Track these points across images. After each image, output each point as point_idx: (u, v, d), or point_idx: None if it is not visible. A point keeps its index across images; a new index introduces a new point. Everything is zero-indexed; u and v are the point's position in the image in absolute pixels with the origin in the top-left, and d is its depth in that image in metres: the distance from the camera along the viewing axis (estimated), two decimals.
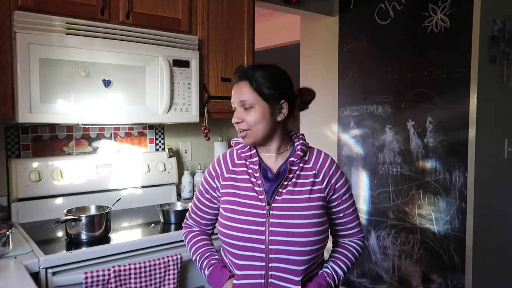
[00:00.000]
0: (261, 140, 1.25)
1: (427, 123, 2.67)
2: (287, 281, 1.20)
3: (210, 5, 2.18)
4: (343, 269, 1.30)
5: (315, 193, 1.24)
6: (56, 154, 2.07)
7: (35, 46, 1.63)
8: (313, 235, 1.19)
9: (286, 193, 1.22)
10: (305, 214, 1.20)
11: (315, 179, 1.25)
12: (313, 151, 1.31)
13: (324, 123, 3.38)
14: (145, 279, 1.64)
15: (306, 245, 1.19)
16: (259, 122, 1.21)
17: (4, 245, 1.49)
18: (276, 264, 1.19)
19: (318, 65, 3.43)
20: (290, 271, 1.19)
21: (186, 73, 2.04)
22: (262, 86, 1.21)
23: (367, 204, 3.07)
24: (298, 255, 1.19)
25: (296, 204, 1.21)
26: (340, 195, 1.29)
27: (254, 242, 1.19)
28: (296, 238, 1.18)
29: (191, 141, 2.54)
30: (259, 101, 1.21)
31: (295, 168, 1.25)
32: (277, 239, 1.18)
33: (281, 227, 1.19)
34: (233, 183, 1.28)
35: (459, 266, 2.55)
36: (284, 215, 1.20)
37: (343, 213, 1.31)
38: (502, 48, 2.55)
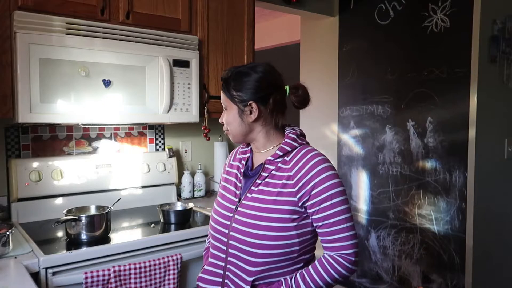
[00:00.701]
0: (240, 139, 1.30)
1: (427, 123, 2.67)
2: (240, 278, 1.20)
3: (210, 5, 2.18)
4: (308, 283, 1.14)
5: (283, 196, 1.17)
6: (56, 154, 2.07)
7: (35, 46, 1.63)
8: (271, 239, 1.15)
9: (257, 191, 1.22)
10: (266, 216, 1.17)
11: (288, 181, 1.18)
12: (301, 151, 1.22)
13: (324, 123, 3.38)
14: (145, 279, 1.64)
15: (261, 247, 1.15)
16: (232, 123, 1.27)
17: (4, 245, 1.49)
18: (232, 259, 1.22)
19: (318, 65, 3.43)
20: (243, 269, 1.19)
21: (186, 73, 2.04)
22: (231, 89, 1.25)
23: (367, 204, 3.07)
24: (251, 256, 1.17)
25: (262, 205, 1.19)
26: (317, 202, 1.15)
27: (220, 234, 1.26)
28: (252, 239, 1.16)
29: (191, 141, 2.54)
30: (230, 103, 1.27)
31: (272, 167, 1.23)
32: (236, 236, 1.20)
33: (241, 225, 1.20)
34: (226, 176, 1.37)
35: (459, 266, 2.55)
36: (248, 214, 1.20)
37: (321, 222, 1.16)
38: (502, 48, 2.55)
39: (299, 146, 1.25)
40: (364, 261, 3.11)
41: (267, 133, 1.28)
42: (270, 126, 1.27)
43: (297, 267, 1.20)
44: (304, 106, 1.29)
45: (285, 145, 1.24)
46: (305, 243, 1.19)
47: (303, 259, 1.21)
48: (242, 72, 1.25)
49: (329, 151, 3.34)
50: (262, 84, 1.24)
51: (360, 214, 3.13)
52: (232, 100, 1.25)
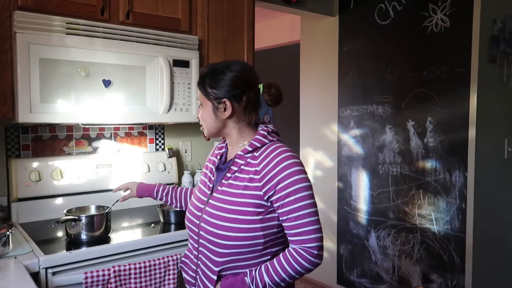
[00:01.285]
0: (214, 134, 1.35)
1: (427, 123, 2.67)
2: (208, 267, 1.26)
3: (210, 5, 2.18)
4: (271, 275, 1.17)
5: (250, 190, 1.21)
6: (56, 154, 2.07)
7: (35, 46, 1.63)
8: (235, 231, 1.19)
9: (226, 185, 1.27)
10: (232, 209, 1.21)
11: (254, 176, 1.21)
12: (269, 147, 1.24)
13: (324, 123, 3.38)
14: (145, 279, 1.64)
15: (226, 239, 1.20)
16: (206, 119, 1.31)
17: (4, 245, 1.49)
18: (202, 249, 1.28)
19: (318, 65, 3.43)
20: (210, 260, 1.25)
21: (186, 73, 2.04)
22: (206, 86, 1.28)
23: (367, 204, 3.07)
24: (218, 246, 1.21)
25: (229, 198, 1.23)
26: (282, 197, 1.17)
27: (193, 224, 1.31)
28: (219, 230, 1.21)
29: (191, 141, 2.54)
30: (204, 100, 1.30)
31: (241, 162, 1.27)
32: (205, 227, 1.25)
33: (210, 217, 1.24)
34: (204, 170, 1.43)
35: (459, 266, 2.55)
36: (216, 206, 1.24)
37: (285, 216, 1.18)
38: (502, 48, 2.55)
39: (269, 142, 1.27)
40: (364, 261, 3.11)
41: (240, 130, 1.31)
42: (243, 123, 1.31)
43: (264, 259, 1.23)
44: (276, 104, 1.33)
45: (255, 141, 1.27)
46: (270, 236, 1.22)
47: (270, 252, 1.24)
48: (217, 70, 1.28)
49: (329, 151, 3.35)
50: (236, 83, 1.27)
51: (360, 214, 3.13)
52: (207, 97, 1.28)
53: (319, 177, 3.44)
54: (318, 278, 3.51)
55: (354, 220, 3.18)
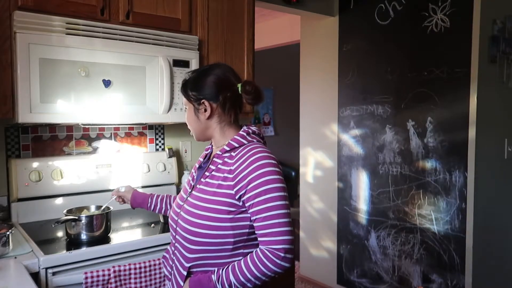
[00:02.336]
0: (200, 137, 1.37)
1: (427, 123, 2.67)
2: (180, 263, 1.29)
3: (210, 5, 2.18)
4: (237, 275, 1.16)
5: (223, 189, 1.22)
6: (56, 154, 2.07)
7: (35, 46, 1.63)
8: (206, 229, 1.21)
9: (203, 183, 1.29)
10: (205, 206, 1.23)
11: (228, 175, 1.22)
12: (246, 148, 1.24)
13: (324, 123, 3.38)
14: (145, 279, 1.64)
15: (197, 235, 1.22)
16: (190, 122, 1.36)
17: (4, 245, 1.49)
18: (177, 245, 1.31)
19: (318, 65, 3.43)
20: (182, 255, 1.28)
21: (186, 73, 2.04)
22: (187, 89, 1.33)
23: (367, 204, 3.07)
24: (189, 243, 1.24)
25: (205, 196, 1.25)
26: (252, 196, 1.16)
27: (172, 221, 1.35)
28: (191, 227, 1.24)
29: (191, 141, 2.54)
30: (187, 103, 1.35)
31: (219, 161, 1.29)
32: (180, 223, 1.28)
33: (186, 213, 1.27)
34: (192, 170, 1.46)
35: (459, 266, 2.55)
36: (193, 204, 1.27)
37: (254, 216, 1.17)
38: (502, 48, 2.55)
39: (248, 143, 1.27)
40: (364, 261, 3.11)
41: (221, 130, 1.33)
42: (224, 123, 1.33)
43: (235, 259, 1.22)
44: (256, 102, 1.34)
45: (233, 140, 1.28)
46: (241, 236, 1.21)
47: (241, 253, 1.23)
48: (198, 73, 1.34)
49: (329, 151, 3.35)
50: (213, 83, 1.30)
51: (360, 214, 3.13)
52: (188, 99, 1.33)
53: (319, 177, 3.44)
54: (318, 278, 3.51)
55: (354, 220, 3.18)
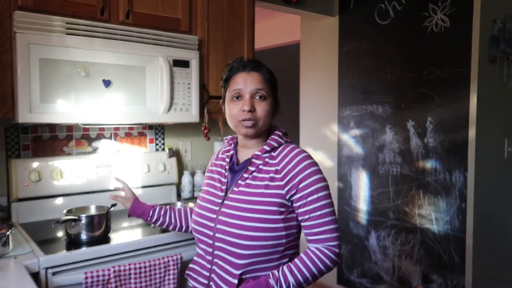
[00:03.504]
0: (261, 133, 1.28)
1: (427, 123, 2.67)
2: (226, 272, 1.21)
3: (210, 5, 2.18)
4: (296, 276, 1.16)
5: (271, 189, 1.20)
6: (56, 154, 2.07)
7: (35, 46, 1.63)
8: (258, 231, 1.16)
9: (244, 185, 1.24)
10: (254, 208, 1.19)
11: (276, 175, 1.21)
12: (286, 147, 1.26)
13: (324, 123, 3.38)
14: (145, 279, 1.64)
15: (248, 239, 1.16)
16: (268, 115, 1.25)
17: (4, 245, 1.49)
18: (219, 252, 1.23)
19: (318, 65, 3.43)
20: (230, 263, 1.20)
21: (186, 73, 2.04)
22: (271, 81, 1.27)
23: (367, 204, 3.07)
24: (239, 248, 1.18)
25: (250, 198, 1.21)
26: (304, 196, 1.18)
27: (206, 228, 1.26)
28: (239, 231, 1.18)
29: (191, 141, 2.54)
30: (269, 95, 1.26)
31: (259, 162, 1.25)
32: (222, 229, 1.21)
33: (228, 217, 1.21)
34: (210, 174, 1.38)
35: (459, 266, 2.55)
36: (235, 207, 1.21)
37: (308, 215, 1.19)
38: (502, 48, 2.55)
39: (285, 143, 1.28)
40: (364, 261, 3.11)
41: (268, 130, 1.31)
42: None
43: (283, 261, 1.22)
44: None
45: (272, 141, 1.27)
46: (291, 237, 1.22)
47: (288, 254, 1.23)
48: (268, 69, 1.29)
49: (329, 151, 3.35)
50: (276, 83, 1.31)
51: (360, 214, 3.13)
52: (273, 92, 1.27)
53: None
54: None
55: (354, 220, 3.18)
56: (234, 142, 1.37)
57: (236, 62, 1.31)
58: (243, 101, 1.23)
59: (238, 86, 1.25)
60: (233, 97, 1.25)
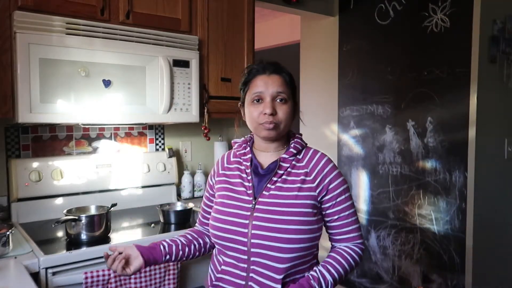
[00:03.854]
0: (281, 136, 1.27)
1: (427, 123, 2.67)
2: (267, 277, 1.17)
3: (210, 5, 2.18)
4: (333, 274, 1.19)
5: (304, 191, 1.21)
6: (56, 154, 2.07)
7: (35, 46, 1.63)
8: (298, 233, 1.16)
9: (274, 189, 1.22)
10: (291, 211, 1.18)
11: (306, 177, 1.22)
12: (309, 150, 1.29)
13: (324, 123, 3.38)
14: (145, 279, 1.64)
15: (289, 242, 1.15)
16: (288, 117, 1.25)
17: (4, 245, 1.49)
18: (257, 259, 1.18)
19: (318, 65, 3.43)
20: (270, 268, 1.17)
21: (186, 73, 2.04)
22: (291, 85, 1.27)
23: (367, 204, 3.07)
24: (280, 252, 1.16)
25: (283, 201, 1.19)
26: (334, 196, 1.23)
27: (237, 235, 1.20)
28: (278, 234, 1.16)
29: (191, 141, 2.54)
30: (290, 98, 1.25)
31: (286, 165, 1.24)
32: (259, 234, 1.17)
33: (264, 222, 1.18)
34: (225, 178, 1.32)
35: (459, 266, 2.55)
36: (270, 210, 1.19)
37: (337, 215, 1.23)
38: (502, 48, 2.55)
39: (306, 146, 1.32)
40: (364, 261, 3.11)
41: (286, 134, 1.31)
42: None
43: (314, 262, 1.26)
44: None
45: (297, 144, 1.28)
46: (320, 238, 1.25)
47: (316, 254, 1.28)
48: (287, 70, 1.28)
49: (329, 151, 3.34)
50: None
51: (360, 214, 3.13)
52: (293, 95, 1.26)
53: None
54: None
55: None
56: (248, 145, 1.32)
57: (256, 65, 1.29)
58: (264, 104, 1.22)
59: (259, 89, 1.23)
60: (253, 100, 1.24)
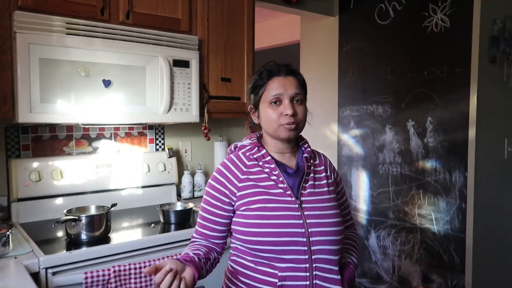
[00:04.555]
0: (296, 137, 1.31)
1: (427, 123, 2.67)
2: (330, 271, 1.20)
3: (210, 5, 2.18)
4: (355, 257, 1.37)
5: (330, 186, 1.32)
6: (56, 154, 2.07)
7: (35, 46, 1.63)
8: (341, 224, 1.26)
9: (309, 187, 1.26)
10: (329, 205, 1.26)
11: (326, 174, 1.34)
12: (315, 150, 1.40)
13: (324, 123, 3.38)
14: (145, 279, 1.64)
15: (340, 234, 1.25)
16: (305, 118, 1.28)
17: (4, 245, 1.49)
18: (318, 255, 1.18)
19: (318, 65, 3.43)
20: (331, 262, 1.21)
21: (186, 73, 2.04)
22: (305, 86, 1.30)
23: (367, 204, 3.07)
24: (337, 244, 1.23)
25: (320, 197, 1.26)
26: (341, 188, 1.40)
27: (295, 236, 1.16)
28: (332, 228, 1.23)
29: (191, 141, 2.54)
30: (304, 99, 1.29)
31: (308, 164, 1.30)
32: (316, 230, 1.19)
33: (316, 218, 1.21)
34: (254, 183, 1.22)
35: (459, 266, 2.55)
36: (315, 207, 1.23)
37: (344, 205, 1.41)
38: (502, 48, 2.55)
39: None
40: (364, 261, 3.11)
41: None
42: None
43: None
44: None
45: (308, 145, 1.36)
46: None
47: None
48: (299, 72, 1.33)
49: (329, 151, 3.34)
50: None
51: (360, 214, 3.13)
52: (305, 97, 1.29)
53: None
54: None
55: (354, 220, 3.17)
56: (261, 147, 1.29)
57: (270, 66, 1.30)
58: (284, 106, 1.23)
59: (277, 91, 1.24)
60: (271, 102, 1.24)
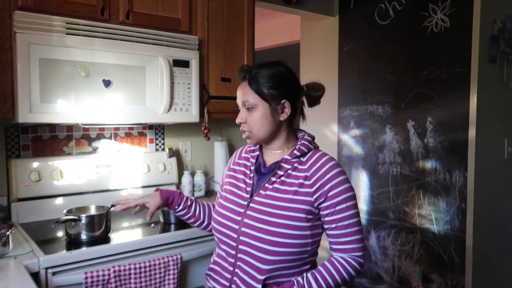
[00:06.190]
0: (264, 140, 1.26)
1: (427, 123, 2.67)
2: (250, 276, 1.18)
3: (210, 5, 2.19)
4: (320, 284, 1.16)
5: (300, 195, 1.18)
6: (56, 154, 2.07)
7: (35, 46, 1.63)
8: (285, 237, 1.15)
9: (271, 189, 1.22)
10: (283, 214, 1.17)
11: (305, 181, 1.19)
12: (316, 153, 1.25)
13: (324, 123, 3.38)
14: (145, 279, 1.64)
15: (275, 245, 1.15)
16: (261, 122, 1.22)
17: (4, 245, 1.49)
18: (243, 256, 1.20)
19: (318, 65, 3.43)
20: (254, 267, 1.18)
21: (186, 73, 2.04)
22: (262, 87, 1.21)
23: (367, 204, 3.07)
24: (265, 253, 1.16)
25: (277, 203, 1.19)
26: (333, 204, 1.18)
27: (230, 230, 1.23)
28: (265, 236, 1.16)
29: (191, 141, 2.54)
30: (259, 101, 1.22)
31: (288, 167, 1.23)
32: (248, 232, 1.19)
33: (254, 221, 1.19)
34: (233, 173, 1.34)
35: (459, 266, 2.55)
36: (262, 211, 1.19)
37: (335, 224, 1.19)
38: (502, 48, 2.55)
39: (314, 149, 1.28)
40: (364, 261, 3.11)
41: (288, 134, 1.28)
42: (291, 126, 1.29)
43: (305, 268, 1.22)
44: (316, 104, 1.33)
45: (302, 146, 1.25)
46: (315, 244, 1.22)
47: (310, 260, 1.23)
48: (271, 69, 1.23)
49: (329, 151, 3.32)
50: (292, 83, 1.26)
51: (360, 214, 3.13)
52: (264, 98, 1.21)
53: None
54: None
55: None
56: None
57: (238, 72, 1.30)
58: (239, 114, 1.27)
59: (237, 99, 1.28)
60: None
